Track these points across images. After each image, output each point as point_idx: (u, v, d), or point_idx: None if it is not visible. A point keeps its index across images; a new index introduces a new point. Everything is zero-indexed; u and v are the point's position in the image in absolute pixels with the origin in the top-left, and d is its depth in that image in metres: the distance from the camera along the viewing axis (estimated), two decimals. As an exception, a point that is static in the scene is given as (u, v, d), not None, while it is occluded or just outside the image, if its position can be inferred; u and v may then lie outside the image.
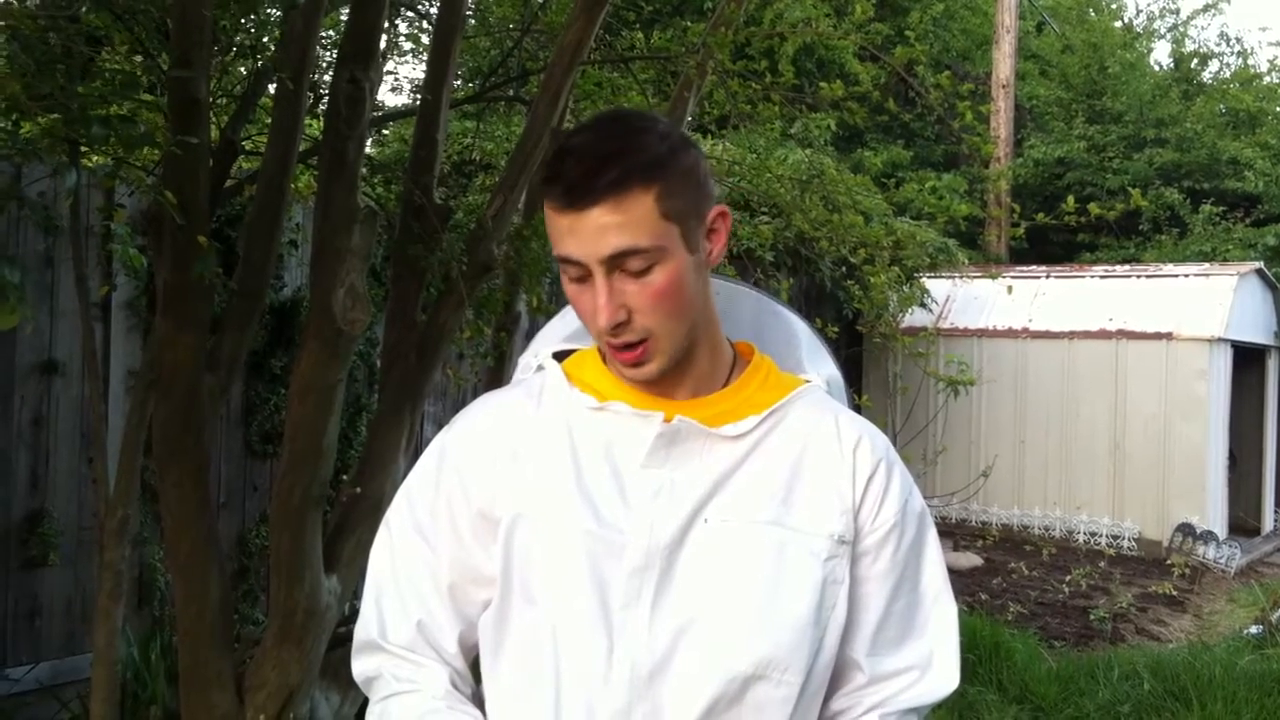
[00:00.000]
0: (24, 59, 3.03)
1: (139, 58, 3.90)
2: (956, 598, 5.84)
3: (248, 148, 4.58)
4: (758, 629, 1.40)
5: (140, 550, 5.09)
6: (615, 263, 1.38)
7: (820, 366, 1.63)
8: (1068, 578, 9.07)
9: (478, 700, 1.51)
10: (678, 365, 1.47)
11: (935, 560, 1.55)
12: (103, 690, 3.54)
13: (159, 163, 3.74)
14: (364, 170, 4.10)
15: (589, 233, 1.36)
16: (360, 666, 1.55)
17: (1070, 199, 5.76)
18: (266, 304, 5.16)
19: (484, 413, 1.56)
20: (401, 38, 7.13)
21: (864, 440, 1.51)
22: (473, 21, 6.15)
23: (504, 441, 1.50)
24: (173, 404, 3.55)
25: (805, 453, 1.48)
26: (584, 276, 1.40)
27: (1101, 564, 9.62)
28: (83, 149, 3.49)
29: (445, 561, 1.50)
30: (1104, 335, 10.50)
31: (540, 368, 1.58)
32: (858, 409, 1.63)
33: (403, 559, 1.53)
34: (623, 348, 1.41)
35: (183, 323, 3.52)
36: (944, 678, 1.51)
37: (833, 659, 1.47)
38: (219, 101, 4.53)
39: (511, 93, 5.68)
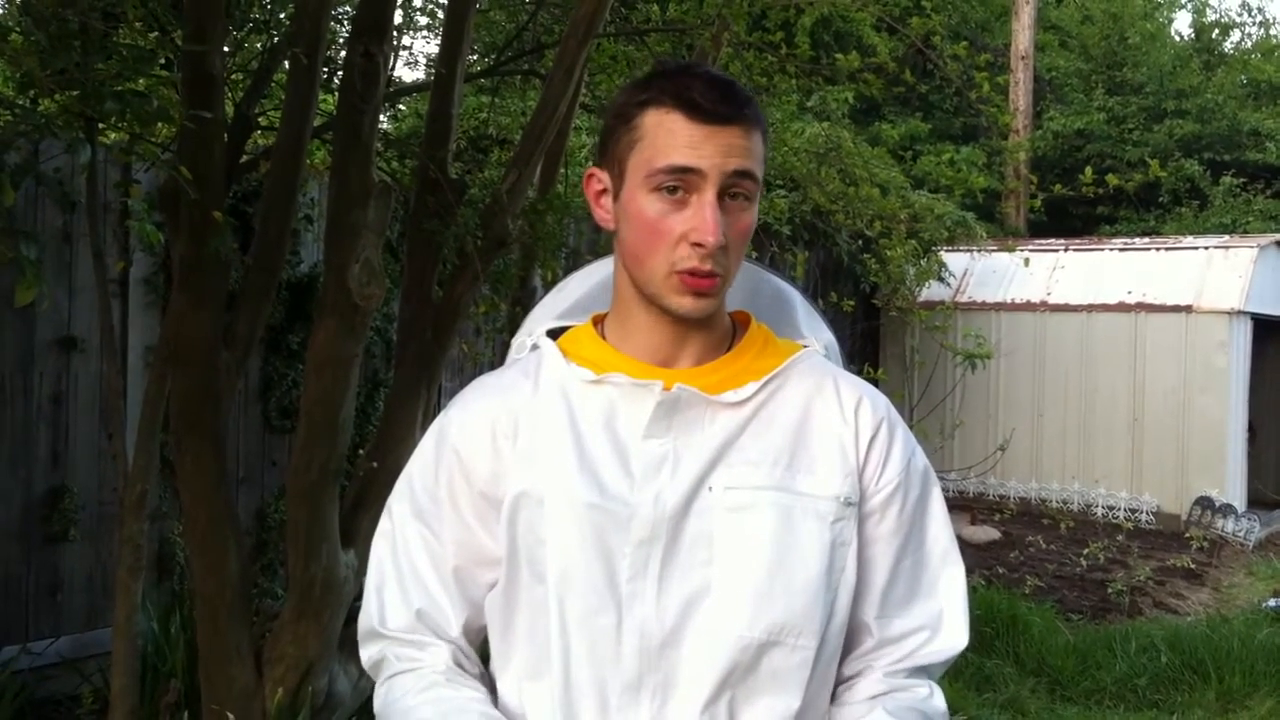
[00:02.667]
0: (39, 35, 3.03)
1: (154, 33, 3.90)
2: (974, 571, 5.84)
3: (263, 123, 4.59)
4: (768, 595, 1.39)
5: (159, 525, 5.12)
6: (731, 183, 1.40)
7: (817, 332, 1.63)
8: (1085, 551, 9.04)
9: (486, 681, 1.51)
10: (693, 325, 1.48)
11: (941, 519, 1.54)
12: (123, 663, 3.57)
13: (174, 139, 3.74)
14: (379, 145, 4.10)
15: (719, 147, 1.39)
16: (366, 654, 1.55)
17: (1089, 171, 5.72)
18: (283, 280, 5.18)
19: (480, 394, 1.55)
20: (416, 12, 7.12)
21: (864, 401, 1.50)
22: (488, -5, 6.13)
23: (502, 421, 1.49)
24: (190, 379, 3.57)
25: (807, 417, 1.48)
26: (682, 198, 1.40)
27: (1119, 537, 9.59)
28: (99, 125, 3.50)
29: (449, 545, 1.50)
30: (1123, 308, 10.44)
31: (535, 346, 1.57)
32: (876, 383, 1.62)
33: (403, 547, 1.52)
34: (706, 275, 1.40)
35: (199, 298, 3.54)
36: (954, 636, 1.50)
37: (845, 622, 1.46)
38: (234, 77, 4.54)
39: (526, 67, 5.66)
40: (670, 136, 1.40)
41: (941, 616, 1.50)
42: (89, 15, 3.10)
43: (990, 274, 11.25)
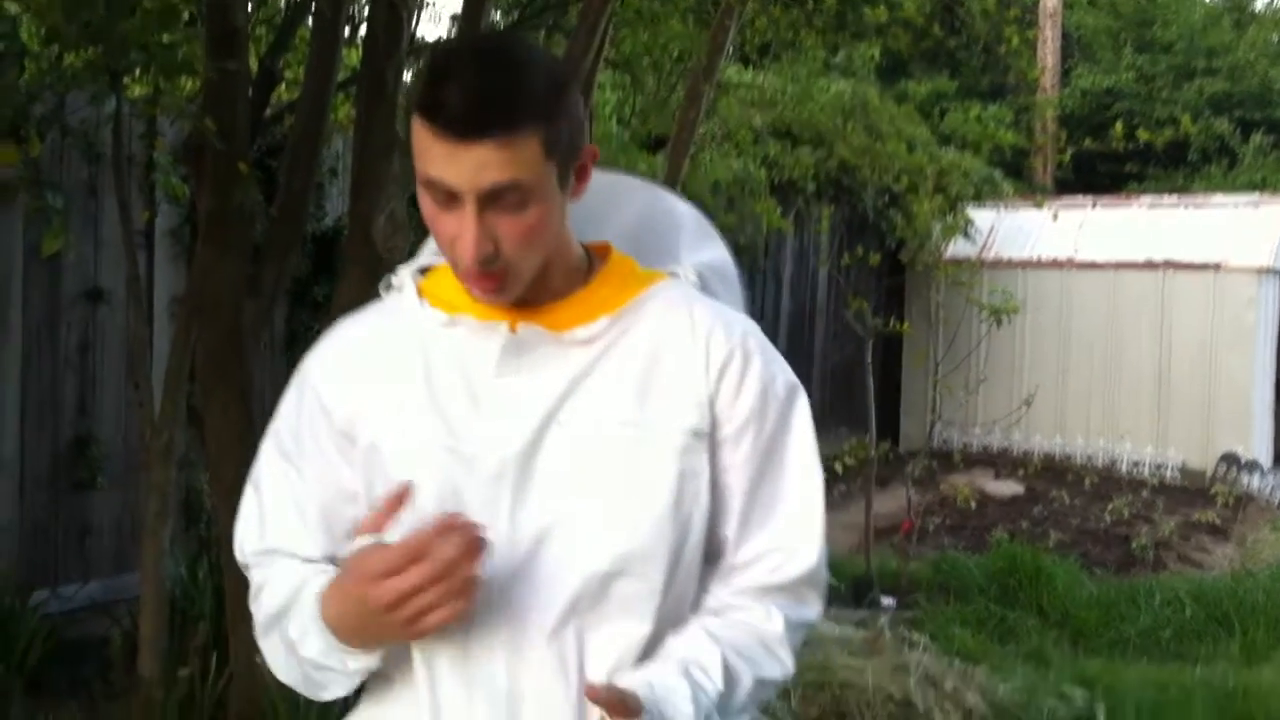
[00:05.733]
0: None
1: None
2: (997, 525, 5.82)
3: (288, 77, 4.61)
4: (615, 526, 1.40)
5: (186, 473, 5.17)
6: (492, 196, 1.34)
7: (700, 254, 1.60)
8: (1110, 506, 9.01)
9: None
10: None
11: (801, 441, 1.51)
12: (152, 607, 3.63)
13: (199, 92, 3.77)
14: (402, 99, 4.11)
15: (470, 165, 1.32)
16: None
17: (1120, 125, 5.69)
18: (308, 233, 5.21)
19: (341, 335, 1.56)
20: (440, -33, 7.10)
21: (717, 329, 1.47)
22: (511, -51, 6.12)
23: (360, 362, 1.50)
24: (216, 330, 3.60)
25: (659, 348, 1.46)
26: (450, 202, 1.36)
27: (1144, 493, 9.56)
28: (124, 79, 3.52)
29: (313, 483, 1.50)
30: (1150, 266, 10.36)
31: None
32: (901, 338, 1.60)
33: (269, 486, 1.54)
34: (484, 276, 1.38)
35: (224, 249, 3.56)
36: (807, 555, 1.50)
37: (698, 551, 1.47)
38: (258, 31, 4.55)
39: (550, 22, 5.65)
40: (425, 148, 1.34)
41: (794, 538, 1.50)
42: (113, -34, 3.12)
43: (1016, 231, 11.18)
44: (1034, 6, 16.35)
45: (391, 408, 1.46)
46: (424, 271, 1.57)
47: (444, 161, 1.33)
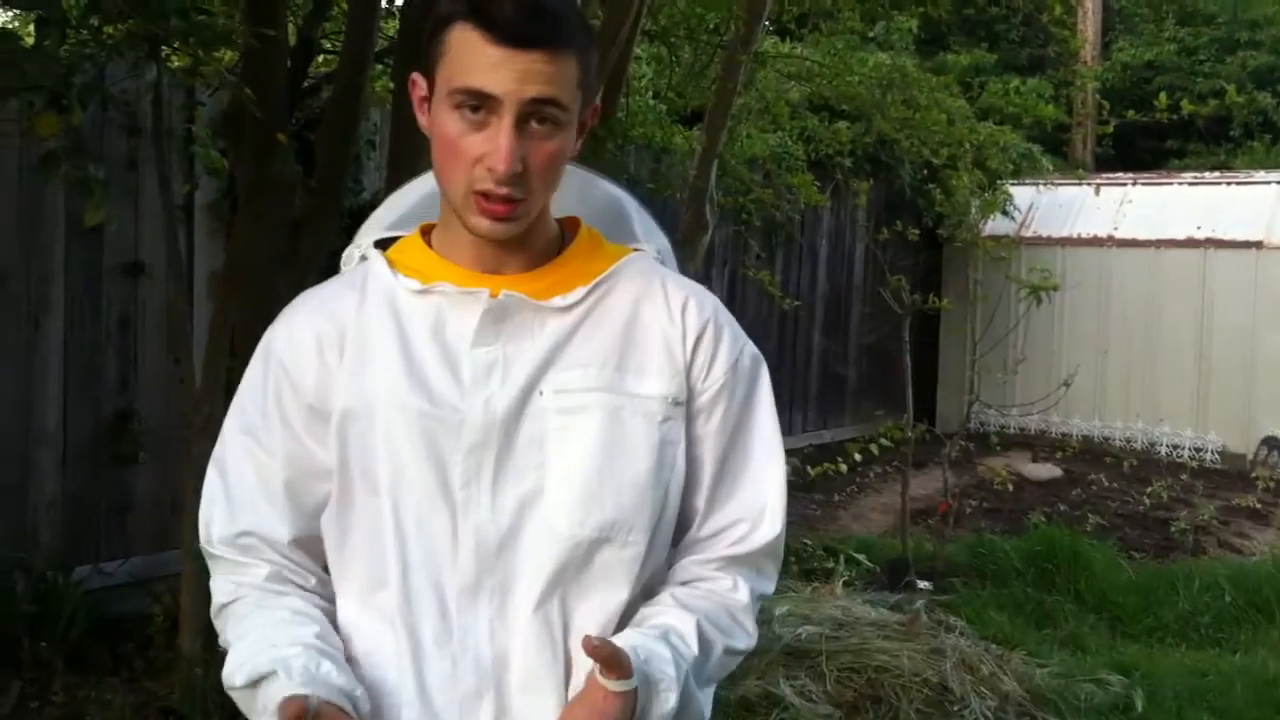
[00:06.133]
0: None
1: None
2: (1034, 509, 5.78)
3: (325, 46, 4.58)
4: (598, 494, 1.43)
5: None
6: (532, 109, 1.36)
7: (651, 237, 1.64)
8: (1148, 490, 8.93)
9: (326, 587, 1.52)
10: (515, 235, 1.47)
11: (766, 414, 1.56)
12: (192, 583, 3.63)
13: (238, 63, 3.75)
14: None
15: (518, 73, 1.34)
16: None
17: (1164, 96, 5.61)
18: (345, 207, 5.19)
19: (306, 308, 1.55)
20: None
21: (691, 302, 1.52)
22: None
23: (328, 335, 1.49)
24: (252, 301, 3.59)
25: (635, 318, 1.50)
26: (483, 119, 1.37)
27: (1183, 476, 9.47)
28: (163, 50, 3.50)
29: (279, 459, 1.49)
30: (1191, 244, 10.24)
31: (363, 258, 1.56)
32: (939, 313, 1.59)
33: (233, 464, 1.52)
34: (501, 200, 1.39)
35: (260, 220, 3.56)
36: (770, 527, 1.53)
37: (675, 517, 1.51)
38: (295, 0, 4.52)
39: (589, -8, 5.59)
40: (470, 56, 1.36)
41: (760, 510, 1.53)
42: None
43: (1055, 208, 11.06)
44: (1075, -22, 16.16)
45: (367, 378, 1.46)
46: (385, 247, 1.57)
47: (490, 69, 1.35)
